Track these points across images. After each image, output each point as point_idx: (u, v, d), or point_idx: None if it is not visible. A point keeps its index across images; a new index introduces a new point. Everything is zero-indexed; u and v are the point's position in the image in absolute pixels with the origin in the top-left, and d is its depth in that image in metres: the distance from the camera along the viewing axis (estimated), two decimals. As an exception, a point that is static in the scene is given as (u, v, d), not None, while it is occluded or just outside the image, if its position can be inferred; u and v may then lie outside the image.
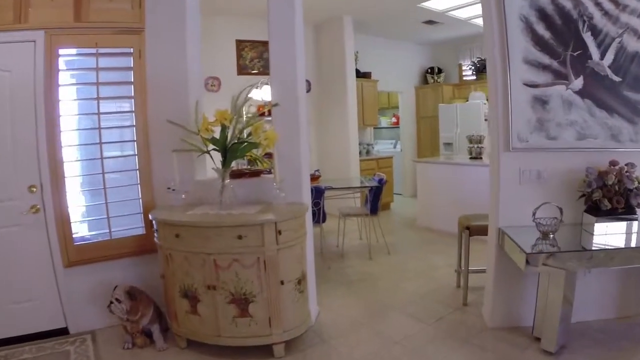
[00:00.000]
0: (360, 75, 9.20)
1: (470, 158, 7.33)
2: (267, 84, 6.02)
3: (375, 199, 6.07)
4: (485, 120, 9.20)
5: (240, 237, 3.15)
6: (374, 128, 10.97)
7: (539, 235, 3.34)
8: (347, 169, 8.56)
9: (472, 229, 4.29)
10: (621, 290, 3.77)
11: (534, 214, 3.36)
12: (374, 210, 6.11)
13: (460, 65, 10.84)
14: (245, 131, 3.54)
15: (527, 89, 3.55)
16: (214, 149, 3.53)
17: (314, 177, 6.17)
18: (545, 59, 3.56)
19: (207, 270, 3.23)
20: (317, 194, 5.46)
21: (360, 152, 9.35)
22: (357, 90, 8.83)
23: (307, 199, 3.87)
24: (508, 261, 3.47)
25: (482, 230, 4.18)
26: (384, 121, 12.43)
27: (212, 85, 7.75)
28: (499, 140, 3.57)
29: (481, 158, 7.26)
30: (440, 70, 10.84)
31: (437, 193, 7.34)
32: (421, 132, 10.91)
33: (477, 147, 7.29)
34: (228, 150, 3.44)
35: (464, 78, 10.78)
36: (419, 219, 7.78)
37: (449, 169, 7.20)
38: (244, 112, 7.44)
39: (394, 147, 12.00)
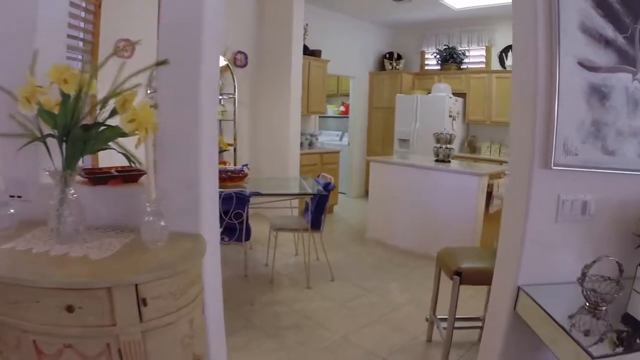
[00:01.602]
0: (309, 52, 7.74)
1: (437, 161, 6.04)
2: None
3: (319, 210, 4.65)
4: (450, 116, 7.97)
5: (70, 309, 1.65)
6: (320, 117, 9.56)
7: (584, 304, 2.03)
8: (285, 165, 7.10)
9: (466, 275, 2.89)
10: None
11: (584, 275, 2.03)
12: (315, 224, 4.69)
13: (423, 53, 9.59)
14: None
15: (582, 73, 2.18)
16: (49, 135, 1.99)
17: (237, 177, 4.68)
18: (609, 31, 2.21)
19: (26, 356, 1.73)
20: (239, 202, 3.99)
21: (301, 144, 7.90)
22: (304, 69, 7.37)
23: (209, 225, 2.38)
24: (526, 334, 2.20)
25: (481, 278, 2.84)
26: (331, 109, 11.01)
27: (123, 50, 6.12)
28: (532, 150, 2.19)
29: (449, 161, 5.98)
30: (400, 57, 9.53)
31: (394, 201, 6.02)
32: (373, 125, 9.59)
33: (446, 148, 5.99)
34: (69, 137, 1.92)
35: (427, 67, 9.55)
36: (369, 230, 6.44)
37: (410, 172, 5.86)
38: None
39: (340, 139, 10.63)
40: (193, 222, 2.25)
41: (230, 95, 6.77)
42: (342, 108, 10.81)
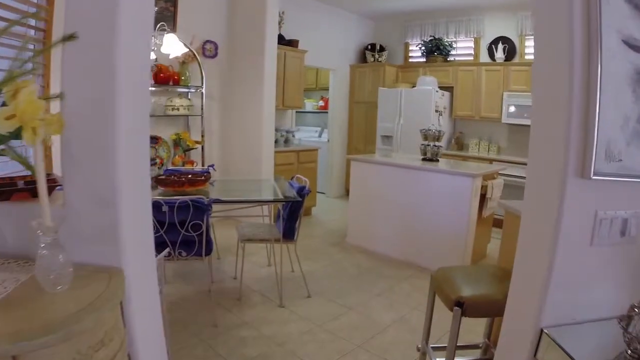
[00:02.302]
0: (285, 42, 7.17)
1: (424, 160, 5.53)
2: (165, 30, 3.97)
3: (292, 217, 4.09)
4: (437, 111, 7.47)
5: None
6: (297, 112, 9.00)
7: (625, 351, 1.52)
8: (258, 164, 6.52)
9: (470, 306, 2.35)
10: None
11: (630, 317, 1.52)
12: (288, 234, 4.13)
13: (407, 44, 9.05)
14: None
15: (627, 54, 1.67)
16: None
17: (198, 181, 4.10)
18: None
19: None
20: (197, 211, 3.42)
21: (276, 141, 7.34)
22: (279, 60, 6.79)
23: (137, 254, 1.80)
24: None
25: (488, 310, 2.33)
26: (309, 104, 10.43)
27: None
28: (565, 155, 1.66)
29: (438, 160, 5.47)
30: (382, 48, 8.98)
31: (377, 203, 5.50)
32: (354, 120, 9.04)
33: (434, 146, 5.48)
34: None
35: (411, 60, 9.02)
36: (350, 234, 5.90)
37: (395, 172, 5.33)
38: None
39: (319, 135, 10.07)
40: (111, 251, 1.68)
41: (198, 88, 6.19)
42: (321, 103, 10.24)
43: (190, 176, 4.25)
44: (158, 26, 4.05)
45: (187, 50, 5.89)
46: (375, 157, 5.90)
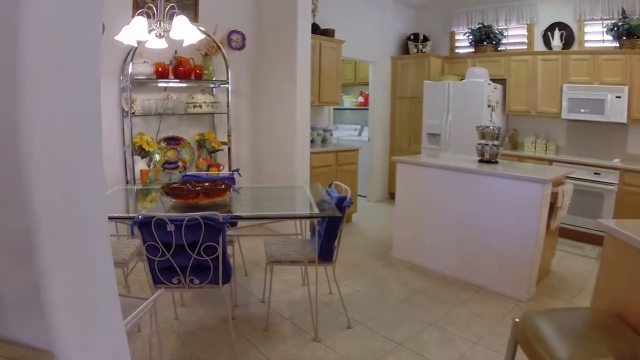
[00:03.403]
0: (319, 32, 6.50)
1: (481, 161, 4.78)
2: (175, 12, 3.38)
3: (331, 234, 3.38)
4: (489, 106, 6.68)
5: None
6: (334, 109, 8.30)
7: None
8: (292, 167, 5.84)
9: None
10: None
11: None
12: (326, 254, 3.42)
13: (452, 34, 8.24)
14: None
15: None
16: None
17: (215, 191, 3.43)
18: None
19: None
20: (211, 231, 2.77)
21: (313, 141, 6.68)
22: (314, 52, 6.13)
23: (82, 328, 1.16)
24: None
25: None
26: (348, 101, 9.72)
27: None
28: None
29: (497, 162, 4.72)
30: (426, 38, 8.19)
31: (426, 211, 4.78)
32: (397, 117, 8.28)
33: (493, 145, 4.73)
34: None
35: (458, 50, 8.22)
36: (395, 247, 5.18)
37: (447, 176, 4.59)
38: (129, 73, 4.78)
39: (359, 134, 9.34)
40: (36, 327, 1.05)
41: (223, 83, 5.58)
42: (360, 99, 9.51)
43: (207, 184, 3.62)
44: (167, 8, 3.41)
45: (208, 39, 5.30)
46: (424, 159, 5.16)
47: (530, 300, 4.02)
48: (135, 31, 3.28)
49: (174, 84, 5.40)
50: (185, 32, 3.34)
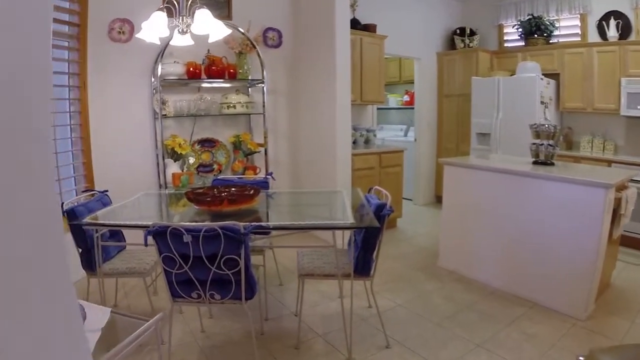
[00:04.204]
0: (360, 27, 6.19)
1: (535, 163, 4.37)
2: (197, 5, 3.16)
3: (368, 246, 3.06)
4: (542, 103, 6.22)
5: None
6: (378, 108, 7.96)
7: None
8: (332, 169, 5.53)
9: None
10: None
11: None
12: (362, 268, 3.10)
13: (501, 26, 7.77)
14: None
15: None
16: None
17: (242, 198, 3.15)
18: None
19: None
20: (231, 243, 2.50)
21: (355, 142, 6.38)
22: (354, 48, 5.82)
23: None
24: None
25: None
26: (393, 100, 9.36)
27: (119, 32, 4.80)
28: None
29: (553, 164, 4.30)
30: (473, 32, 7.76)
31: (476, 217, 4.39)
32: (444, 116, 7.86)
33: (548, 145, 4.31)
34: None
35: (507, 44, 7.74)
36: (442, 256, 4.80)
37: (498, 179, 4.20)
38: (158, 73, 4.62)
39: (405, 134, 8.96)
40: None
41: (259, 82, 5.35)
42: (406, 97, 9.13)
43: (234, 190, 3.37)
44: (189, 3, 3.17)
45: (242, 37, 5.09)
46: (472, 161, 4.78)
47: (589, 318, 3.56)
48: (155, 27, 3.05)
49: (206, 84, 5.20)
50: (209, 26, 3.08)
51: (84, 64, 4.57)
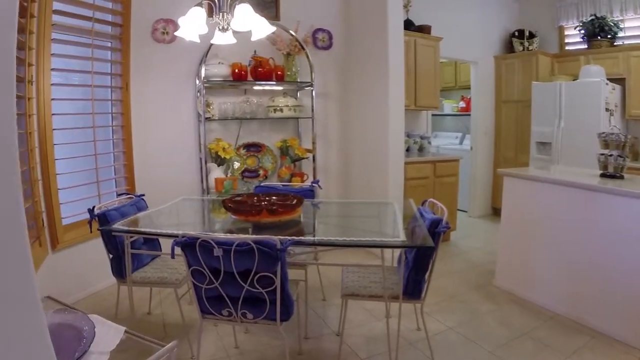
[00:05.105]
0: (414, 28, 5.89)
1: (603, 176, 3.96)
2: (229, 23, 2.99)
3: (420, 266, 2.76)
4: (607, 110, 5.76)
5: None
6: (433, 115, 7.61)
7: None
8: (384, 178, 5.22)
9: None
10: None
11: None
12: (413, 290, 2.79)
13: (561, 28, 7.28)
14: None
15: None
16: None
17: (283, 208, 2.89)
18: None
19: None
20: (266, 259, 2.26)
21: (409, 149, 6.09)
22: (408, 50, 5.53)
23: None
24: None
25: None
26: (448, 106, 8.99)
27: (163, 33, 4.68)
28: None
29: (622, 177, 3.88)
30: (532, 34, 7.32)
31: (537, 234, 4.01)
32: (502, 123, 7.42)
33: (618, 157, 3.91)
34: None
35: (568, 47, 7.25)
36: (499, 274, 4.43)
37: (561, 193, 3.80)
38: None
39: (460, 142, 8.56)
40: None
41: (307, 85, 5.13)
42: (462, 104, 8.74)
43: (275, 199, 3.14)
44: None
45: (291, 38, 4.89)
46: (532, 172, 4.39)
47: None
48: (193, 24, 2.87)
49: (252, 86, 5.02)
50: (250, 22, 2.87)
51: (127, 64, 4.46)
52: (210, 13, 3.03)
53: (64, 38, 3.88)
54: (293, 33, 4.94)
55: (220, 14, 2.99)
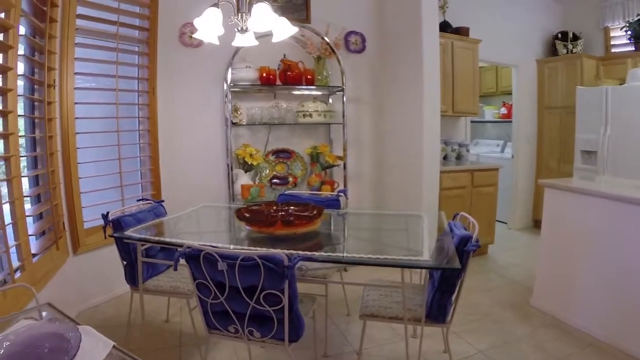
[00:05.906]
0: (451, 30, 5.65)
1: (655, 188, 3.65)
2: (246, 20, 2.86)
3: (446, 287, 2.52)
4: (657, 116, 5.39)
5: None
6: (472, 121, 7.31)
7: None
8: (418, 187, 5.00)
9: None
10: None
11: None
12: (437, 313, 2.57)
13: (607, 29, 6.90)
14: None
15: None
16: None
17: (300, 220, 2.74)
18: None
19: None
20: (272, 276, 2.08)
21: (445, 157, 5.84)
22: (445, 53, 5.31)
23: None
24: None
25: None
26: (489, 112, 8.67)
27: (190, 37, 4.61)
28: None
29: (677, 190, 3.56)
30: (576, 37, 6.97)
31: (580, 252, 3.71)
32: (545, 131, 7.08)
33: (673, 167, 3.61)
34: None
35: (614, 49, 6.86)
36: (537, 294, 4.12)
37: (610, 207, 3.47)
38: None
39: (502, 150, 8.24)
40: None
41: (339, 90, 4.97)
42: (503, 110, 8.41)
43: (292, 209, 2.98)
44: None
45: (322, 41, 4.75)
46: (576, 183, 4.08)
47: None
48: (209, 24, 2.74)
49: (281, 90, 4.89)
50: (269, 22, 2.73)
51: (154, 69, 4.41)
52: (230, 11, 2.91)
53: (88, 42, 3.85)
54: (324, 36, 4.79)
55: (239, 14, 2.85)
